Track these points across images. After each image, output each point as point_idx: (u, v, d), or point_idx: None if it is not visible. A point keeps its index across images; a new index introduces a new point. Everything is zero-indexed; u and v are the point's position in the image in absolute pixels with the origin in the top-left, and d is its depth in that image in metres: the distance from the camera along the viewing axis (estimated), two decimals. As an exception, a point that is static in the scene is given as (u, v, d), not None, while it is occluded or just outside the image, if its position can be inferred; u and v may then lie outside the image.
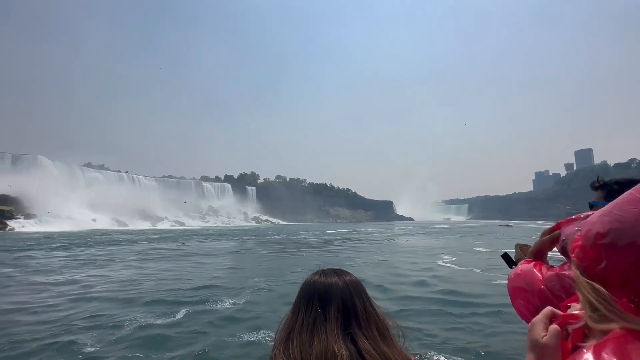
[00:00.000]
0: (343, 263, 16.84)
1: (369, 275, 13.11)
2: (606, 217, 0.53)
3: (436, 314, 8.12)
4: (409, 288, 11.02)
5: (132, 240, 36.93)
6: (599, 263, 0.52)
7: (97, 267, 16.49)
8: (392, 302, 9.16)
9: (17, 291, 11.11)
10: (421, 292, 10.45)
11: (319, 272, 1.16)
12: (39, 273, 14.76)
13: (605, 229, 0.52)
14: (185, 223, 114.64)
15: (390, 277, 13.01)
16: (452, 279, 12.43)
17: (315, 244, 31.18)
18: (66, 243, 33.21)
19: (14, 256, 21.93)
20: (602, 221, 0.54)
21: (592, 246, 0.54)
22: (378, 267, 15.80)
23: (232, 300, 9.39)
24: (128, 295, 10.28)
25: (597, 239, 0.53)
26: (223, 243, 32.99)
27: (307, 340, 0.99)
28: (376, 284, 11.43)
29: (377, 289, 10.82)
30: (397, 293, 10.35)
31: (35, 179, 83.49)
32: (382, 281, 12.01)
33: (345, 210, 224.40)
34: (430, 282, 11.93)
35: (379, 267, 15.79)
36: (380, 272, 14.20)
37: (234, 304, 9.05)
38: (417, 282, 11.97)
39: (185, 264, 17.46)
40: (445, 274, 13.72)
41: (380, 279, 12.39)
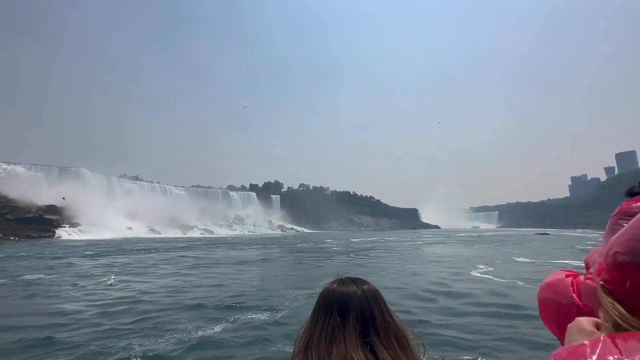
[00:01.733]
0: (375, 273, 16.86)
1: (407, 285, 13.10)
2: (623, 237, 0.55)
3: (484, 326, 8.07)
4: (452, 300, 10.93)
5: (167, 248, 38.68)
6: (624, 283, 0.53)
7: (141, 274, 17.56)
8: (436, 313, 9.18)
9: (78, 295, 12.14)
10: (464, 303, 10.35)
11: (337, 280, 1.16)
12: (88, 277, 15.98)
13: (623, 248, 0.54)
14: (214, 231, 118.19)
15: (430, 286, 12.90)
16: (497, 292, 12.12)
17: (342, 252, 31.24)
18: (108, 250, 35.40)
19: (67, 261, 23.78)
20: (619, 241, 0.55)
21: (614, 267, 0.55)
22: (414, 276, 15.69)
23: (270, 310, 9.45)
24: (174, 300, 10.96)
25: (617, 258, 0.54)
26: (252, 251, 33.80)
27: (326, 349, 0.98)
28: (417, 295, 11.42)
29: (418, 299, 10.83)
30: (439, 303, 10.32)
31: (78, 190, 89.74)
32: (422, 291, 11.98)
33: (368, 219, 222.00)
34: (474, 293, 11.69)
35: (416, 276, 15.67)
36: (417, 281, 14.12)
37: (272, 313, 9.12)
38: (459, 293, 11.79)
39: (221, 272, 18.16)
40: (490, 286, 13.22)
41: (419, 289, 12.34)
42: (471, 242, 47.99)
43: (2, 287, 13.81)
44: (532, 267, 18.98)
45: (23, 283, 14.82)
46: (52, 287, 13.89)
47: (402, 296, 11.14)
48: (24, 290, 13.02)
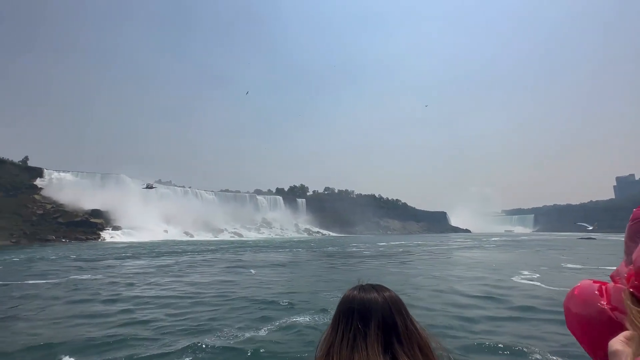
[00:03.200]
0: (414, 277, 16.78)
1: (450, 290, 13.00)
2: None
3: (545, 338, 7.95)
4: (499, 305, 10.77)
5: (204, 250, 40.39)
6: None
7: (186, 275, 18.60)
8: (486, 319, 9.12)
9: (137, 292, 13.16)
10: (510, 308, 10.17)
11: (358, 287, 1.15)
12: (132, 278, 17.19)
13: None
14: (243, 234, 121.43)
15: (474, 292, 12.73)
16: (548, 297, 11.78)
17: (375, 256, 31.12)
18: (151, 252, 37.57)
19: (117, 263, 25.62)
20: None
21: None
22: (456, 281, 15.48)
23: (319, 312, 9.60)
24: (223, 300, 11.63)
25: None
26: (284, 254, 34.51)
27: (347, 356, 0.98)
28: (462, 300, 11.34)
29: (463, 305, 10.76)
30: (487, 308, 10.21)
31: (118, 195, 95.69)
32: (467, 296, 11.87)
33: (395, 222, 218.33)
34: (521, 300, 11.44)
35: (457, 281, 15.46)
36: (460, 287, 13.95)
37: (310, 318, 9.12)
38: (506, 299, 11.57)
39: (261, 274, 18.81)
40: (538, 292, 12.81)
41: (462, 294, 12.24)
42: (509, 246, 46.04)
43: (79, 285, 15.23)
44: (584, 274, 18.01)
45: (107, 281, 16.26)
46: (136, 285, 15.14)
47: (447, 302, 11.09)
48: (107, 287, 14.31)
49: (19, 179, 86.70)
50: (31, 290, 14.15)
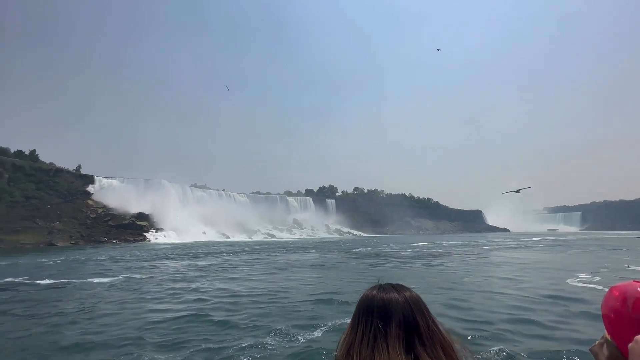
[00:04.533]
0: (460, 279, 16.48)
1: (503, 293, 12.67)
2: None
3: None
4: (562, 309, 10.40)
5: (239, 251, 41.96)
6: None
7: (231, 274, 19.58)
8: (552, 323, 8.89)
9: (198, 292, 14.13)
10: (577, 313, 9.80)
11: (377, 286, 1.13)
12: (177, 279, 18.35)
13: None
14: (275, 235, 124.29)
15: (530, 295, 12.32)
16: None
17: (409, 257, 30.71)
18: (194, 253, 39.72)
19: (165, 263, 27.47)
20: None
21: None
22: (507, 283, 15.03)
23: None
24: (271, 300, 12.20)
25: None
26: (319, 254, 35.00)
27: (368, 356, 0.97)
28: (518, 304, 11.05)
29: (521, 308, 10.49)
30: (548, 312, 9.92)
31: (160, 198, 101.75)
32: (522, 300, 11.54)
33: (427, 222, 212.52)
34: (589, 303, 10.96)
35: (509, 283, 15.01)
36: (513, 289, 13.54)
37: None
38: (580, 311, 11.12)
39: (302, 274, 19.36)
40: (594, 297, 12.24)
41: (517, 298, 11.91)
42: (558, 246, 43.38)
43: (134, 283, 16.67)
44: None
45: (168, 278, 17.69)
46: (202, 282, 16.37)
47: (505, 305, 10.83)
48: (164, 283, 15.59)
49: (74, 186, 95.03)
50: (97, 288, 15.62)
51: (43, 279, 18.05)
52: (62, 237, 70.72)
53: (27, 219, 74.76)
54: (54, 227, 74.43)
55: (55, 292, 14.63)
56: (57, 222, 77.01)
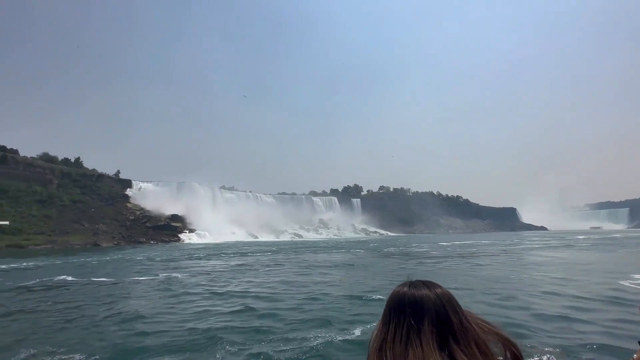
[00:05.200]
0: (504, 278, 15.91)
1: (555, 293, 12.12)
2: None
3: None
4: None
5: (268, 250, 42.88)
6: None
7: (266, 272, 20.11)
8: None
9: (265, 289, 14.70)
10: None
11: (407, 283, 1.13)
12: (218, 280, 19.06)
13: None
14: (302, 235, 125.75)
15: (584, 294, 11.72)
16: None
17: (442, 256, 29.96)
18: (226, 252, 41.17)
19: (201, 262, 28.71)
20: None
21: None
22: (562, 285, 14.26)
23: None
24: (308, 298, 12.43)
25: None
26: (347, 254, 35.03)
27: (401, 352, 0.96)
28: (576, 304, 10.52)
29: (582, 309, 10.02)
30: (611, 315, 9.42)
31: (192, 200, 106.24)
32: (577, 299, 11.01)
33: (457, 220, 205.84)
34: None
35: (564, 285, 14.23)
36: (565, 289, 12.91)
37: None
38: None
39: (334, 273, 19.55)
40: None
41: (571, 297, 11.35)
42: (606, 245, 40.54)
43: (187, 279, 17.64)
44: None
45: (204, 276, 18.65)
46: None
47: (558, 306, 10.33)
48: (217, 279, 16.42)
49: (114, 190, 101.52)
50: (143, 286, 16.68)
51: (93, 278, 19.55)
52: (105, 237, 75.91)
53: (75, 221, 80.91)
54: (98, 229, 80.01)
55: (107, 289, 15.80)
56: (100, 224, 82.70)
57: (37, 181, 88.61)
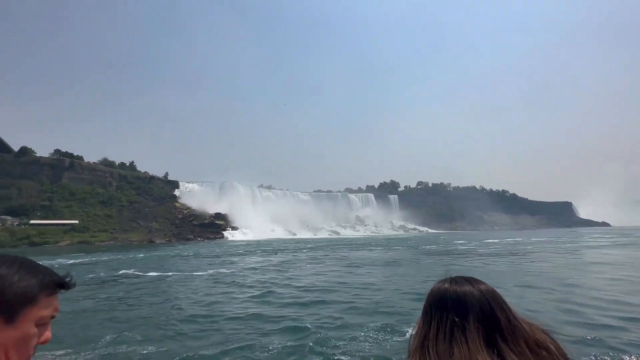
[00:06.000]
0: (568, 279, 14.68)
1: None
2: None
3: None
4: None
5: (308, 247, 43.61)
6: None
7: (314, 268, 20.46)
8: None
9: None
10: None
11: (448, 279, 1.09)
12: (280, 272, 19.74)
13: None
14: (339, 232, 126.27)
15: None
16: None
17: (491, 254, 28.32)
18: (268, 249, 42.63)
19: (249, 258, 30.02)
20: None
21: None
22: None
23: None
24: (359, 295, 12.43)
25: None
26: (387, 252, 34.50)
27: (446, 349, 0.93)
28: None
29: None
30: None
31: (233, 199, 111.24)
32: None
33: (503, 216, 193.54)
34: None
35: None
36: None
37: None
38: None
39: (379, 271, 19.39)
40: None
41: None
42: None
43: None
44: None
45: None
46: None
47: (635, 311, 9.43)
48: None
49: (164, 191, 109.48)
50: (196, 280, 17.82)
51: (152, 272, 21.31)
52: (158, 235, 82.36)
53: (132, 220, 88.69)
54: (152, 227, 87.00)
55: (164, 282, 17.16)
56: (154, 223, 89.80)
57: (99, 184, 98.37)
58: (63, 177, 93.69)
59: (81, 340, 7.84)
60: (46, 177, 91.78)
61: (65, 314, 10.21)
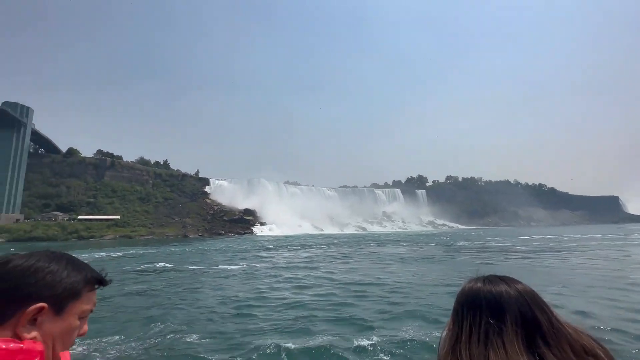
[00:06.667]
0: (628, 278, 13.68)
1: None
2: None
3: None
4: None
5: (335, 243, 43.64)
6: None
7: (348, 263, 20.45)
8: None
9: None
10: None
11: (481, 278, 1.00)
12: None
13: None
14: (366, 228, 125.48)
15: None
16: None
17: (529, 251, 26.88)
18: (297, 244, 43.28)
19: (281, 253, 30.64)
20: None
21: None
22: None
23: None
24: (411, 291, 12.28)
25: None
26: (416, 248, 33.80)
27: (481, 353, 0.85)
28: None
29: None
30: None
31: (261, 195, 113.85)
32: None
33: (540, 211, 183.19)
34: None
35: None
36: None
37: None
38: None
39: (416, 267, 19.04)
40: None
41: None
42: None
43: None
44: None
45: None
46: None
47: None
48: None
49: (196, 188, 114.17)
50: (230, 273, 18.39)
51: (188, 265, 22.35)
52: (192, 230, 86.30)
53: (167, 215, 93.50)
54: (186, 222, 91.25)
55: (202, 275, 17.91)
56: (187, 218, 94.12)
57: (137, 182, 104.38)
58: (105, 175, 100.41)
59: (132, 329, 8.37)
60: (90, 176, 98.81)
61: (114, 304, 11.02)
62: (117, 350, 6.97)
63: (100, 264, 23.92)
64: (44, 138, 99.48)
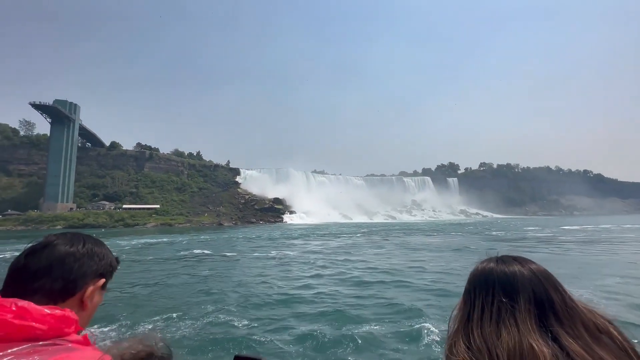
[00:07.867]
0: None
1: None
2: None
3: None
4: None
5: (364, 232, 43.74)
6: None
7: (384, 251, 20.57)
8: None
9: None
10: None
11: (493, 259, 0.99)
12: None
13: None
14: (395, 217, 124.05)
15: None
16: None
17: (576, 242, 25.39)
18: (327, 232, 43.88)
19: (313, 241, 31.30)
20: None
21: None
22: None
23: None
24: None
25: None
26: (448, 237, 33.08)
27: (493, 332, 0.85)
28: None
29: None
30: None
31: (289, 184, 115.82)
32: None
33: (584, 199, 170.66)
34: None
35: None
36: None
37: None
38: None
39: (455, 257, 18.77)
40: None
41: None
42: None
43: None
44: None
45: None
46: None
47: None
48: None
49: (227, 177, 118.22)
50: (265, 261, 19.10)
51: (225, 252, 23.43)
52: (226, 218, 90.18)
53: (202, 204, 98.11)
54: (220, 211, 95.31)
55: (239, 261, 18.82)
56: (221, 207, 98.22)
57: (174, 172, 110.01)
58: (145, 167, 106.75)
59: (184, 310, 9.09)
60: (132, 167, 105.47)
61: (167, 286, 11.97)
62: (177, 327, 7.67)
63: (148, 250, 25.91)
64: (90, 133, 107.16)
